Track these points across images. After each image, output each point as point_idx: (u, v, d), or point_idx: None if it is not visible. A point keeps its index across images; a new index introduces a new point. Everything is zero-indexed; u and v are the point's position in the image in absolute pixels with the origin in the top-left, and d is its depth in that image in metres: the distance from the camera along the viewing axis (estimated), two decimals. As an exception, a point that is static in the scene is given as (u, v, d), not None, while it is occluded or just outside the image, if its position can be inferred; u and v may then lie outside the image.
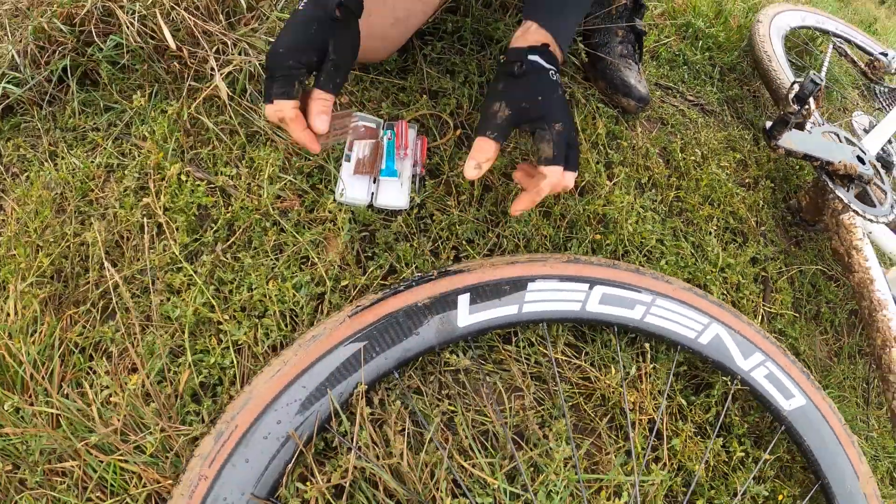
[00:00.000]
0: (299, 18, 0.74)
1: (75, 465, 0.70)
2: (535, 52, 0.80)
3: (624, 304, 0.85)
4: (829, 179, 0.96)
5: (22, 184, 0.92)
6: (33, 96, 0.95)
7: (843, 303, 1.06)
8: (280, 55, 0.72)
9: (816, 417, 0.84)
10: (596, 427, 0.83)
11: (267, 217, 0.88)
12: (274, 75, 0.73)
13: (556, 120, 0.77)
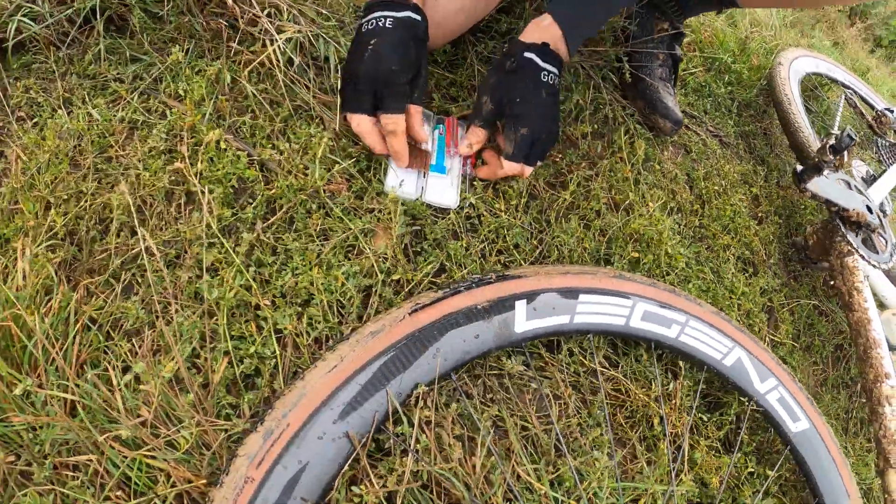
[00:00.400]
0: (397, 40, 0.82)
1: (93, 458, 0.64)
2: (532, 49, 0.88)
3: (663, 322, 0.90)
4: (843, 224, 1.07)
5: (30, 130, 0.83)
6: (50, 35, 0.86)
7: (830, 337, 1.18)
8: (396, 73, 0.81)
9: (817, 440, 0.93)
10: (628, 437, 0.87)
11: (313, 199, 0.85)
12: (386, 93, 0.82)
13: (525, 125, 0.87)
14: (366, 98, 0.83)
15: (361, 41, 0.83)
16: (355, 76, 0.83)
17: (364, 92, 0.83)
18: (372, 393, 0.71)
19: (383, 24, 0.83)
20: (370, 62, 0.81)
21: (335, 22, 0.98)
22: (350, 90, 0.84)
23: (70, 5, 0.83)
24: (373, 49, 0.82)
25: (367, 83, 0.82)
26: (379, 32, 0.82)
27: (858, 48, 2.57)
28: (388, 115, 0.83)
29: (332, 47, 0.96)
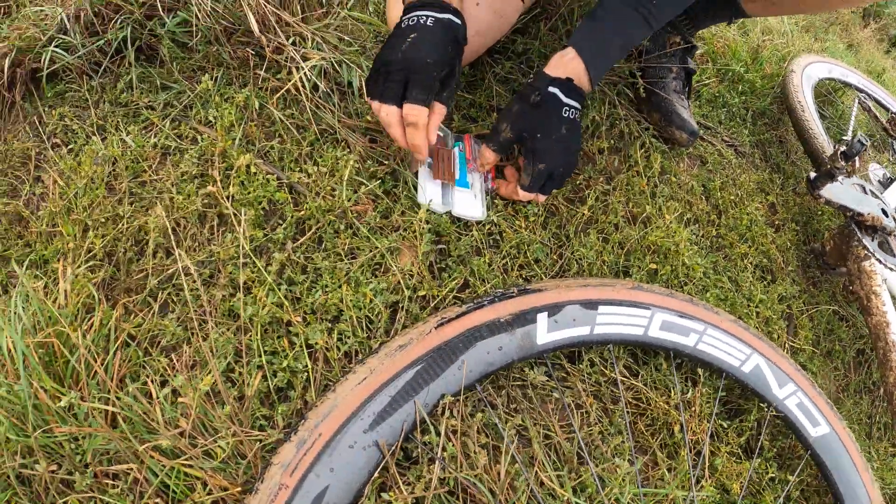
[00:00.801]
0: (437, 37, 0.85)
1: (133, 467, 0.69)
2: (556, 84, 0.93)
3: (681, 331, 0.94)
4: (858, 229, 1.11)
5: (66, 156, 0.89)
6: (83, 65, 0.93)
7: (851, 342, 1.21)
8: (429, 65, 0.83)
9: (838, 445, 0.97)
10: (649, 445, 0.91)
11: (341, 219, 0.90)
12: (415, 81, 0.84)
13: (543, 161, 0.92)
14: (396, 87, 0.85)
15: (400, 34, 0.87)
16: (388, 63, 0.85)
17: (395, 80, 0.84)
18: (400, 403, 0.76)
19: (424, 22, 0.87)
20: (407, 51, 0.84)
21: (357, 48, 1.04)
22: (381, 77, 0.86)
23: (101, 36, 0.91)
24: (411, 41, 0.85)
25: (399, 71, 0.84)
26: (419, 28, 0.86)
27: (873, 49, 2.60)
28: (413, 106, 0.85)
29: (355, 72, 1.02)
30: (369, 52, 1.06)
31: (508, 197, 1.00)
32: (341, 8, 1.05)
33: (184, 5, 0.93)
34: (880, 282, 1.07)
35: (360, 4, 1.09)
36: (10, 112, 0.89)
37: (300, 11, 0.99)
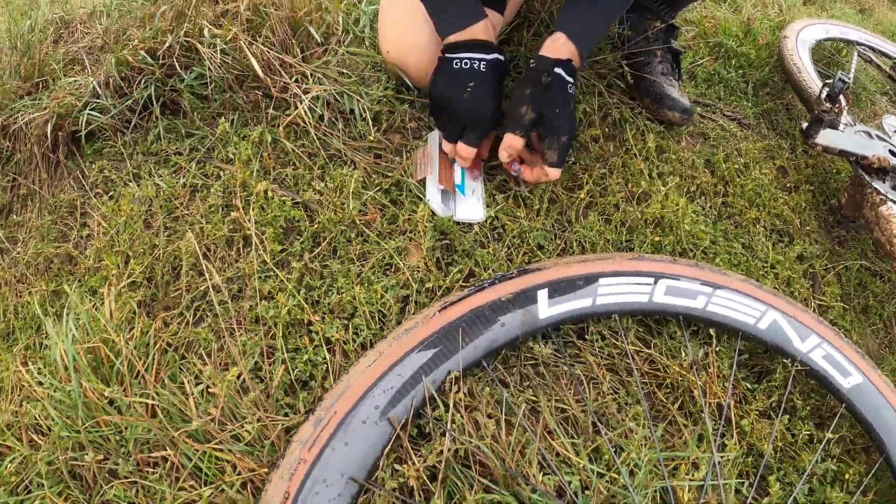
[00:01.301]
0: (491, 86, 1.02)
1: (170, 453, 0.78)
2: (560, 65, 1.02)
3: (687, 294, 0.98)
4: (866, 173, 1.11)
5: (107, 202, 1.05)
6: (115, 123, 1.11)
7: (889, 297, 1.19)
8: (487, 117, 1.01)
9: (874, 393, 0.96)
10: (668, 412, 0.94)
11: (351, 228, 1.01)
12: (472, 127, 1.02)
13: (564, 133, 1.01)
14: (456, 129, 1.02)
15: (457, 79, 1.01)
16: (453, 112, 1.01)
17: (458, 126, 1.02)
18: (409, 381, 0.84)
19: (478, 67, 1.01)
20: (469, 104, 1.00)
21: (356, 78, 1.17)
22: (446, 122, 1.04)
23: (129, 96, 1.07)
24: (472, 91, 1.00)
25: (461, 121, 1.01)
26: (475, 75, 1.01)
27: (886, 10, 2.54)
28: (466, 147, 1.02)
29: (355, 100, 1.15)
30: (367, 80, 1.19)
31: (536, 181, 1.06)
32: (339, 46, 1.19)
33: (198, 61, 1.09)
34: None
35: (357, 41, 1.23)
36: (55, 170, 1.07)
37: (300, 53, 1.13)
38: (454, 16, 1.03)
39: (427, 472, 0.81)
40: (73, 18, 1.17)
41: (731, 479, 0.90)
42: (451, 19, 1.03)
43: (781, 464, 0.95)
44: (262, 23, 1.11)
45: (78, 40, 1.13)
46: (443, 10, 1.04)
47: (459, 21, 1.02)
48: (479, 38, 1.02)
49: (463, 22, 1.02)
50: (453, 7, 1.03)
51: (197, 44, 1.10)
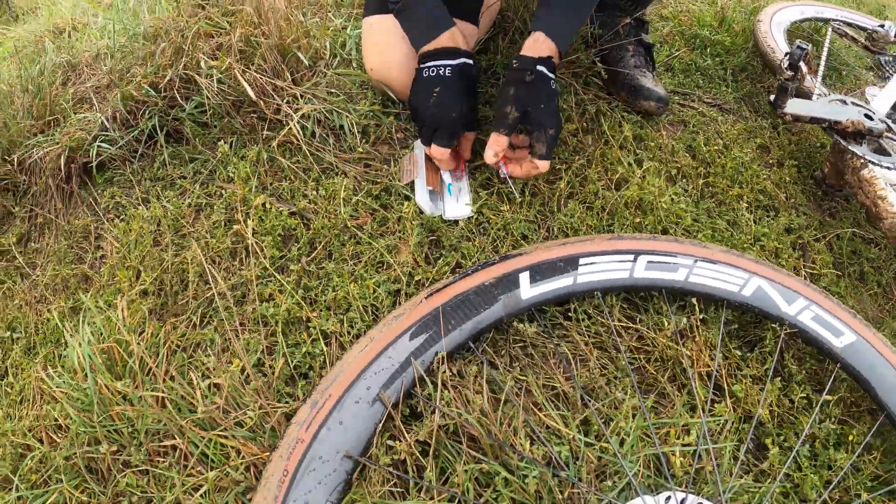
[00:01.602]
0: (457, 89, 1.08)
1: (179, 442, 0.84)
2: (542, 62, 1.08)
3: (668, 268, 1.01)
4: (842, 139, 1.13)
5: (118, 225, 1.15)
6: (124, 153, 1.21)
7: (887, 263, 1.19)
8: (453, 119, 1.08)
9: (870, 351, 0.96)
10: (658, 384, 0.96)
11: (344, 232, 1.08)
12: (442, 131, 1.08)
13: (551, 126, 1.06)
14: (428, 132, 1.10)
15: (426, 87, 1.08)
16: (422, 117, 1.09)
17: (429, 129, 1.09)
18: (399, 363, 0.89)
19: (443, 73, 1.08)
20: (433, 108, 1.07)
21: (344, 97, 1.26)
22: (420, 127, 1.11)
23: (135, 127, 1.18)
24: (437, 96, 1.07)
25: (430, 124, 1.08)
26: (441, 80, 1.08)
27: None
28: (437, 148, 1.09)
29: (344, 116, 1.23)
30: (355, 97, 1.27)
31: (527, 175, 1.11)
32: (327, 68, 1.28)
33: (197, 91, 1.20)
34: (884, 184, 1.08)
35: (344, 63, 1.32)
36: (70, 200, 1.18)
37: (290, 77, 1.23)
38: (423, 28, 1.11)
39: (419, 447, 0.85)
40: (79, 62, 1.30)
41: (726, 444, 0.91)
42: (420, 32, 1.11)
43: (781, 429, 0.95)
44: (254, 52, 1.22)
45: (85, 81, 1.25)
46: (413, 25, 1.12)
47: (428, 32, 1.10)
48: (445, 45, 1.09)
49: (431, 33, 1.10)
50: (422, 21, 1.11)
51: (195, 75, 1.21)
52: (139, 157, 1.21)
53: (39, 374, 0.91)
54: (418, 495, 0.82)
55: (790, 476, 0.91)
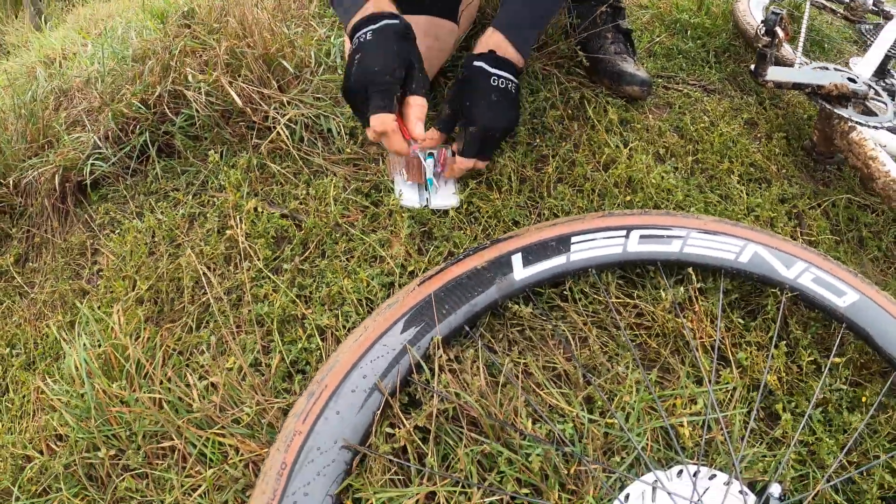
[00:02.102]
0: (378, 46, 0.95)
1: (176, 442, 0.83)
2: (481, 58, 1.05)
3: (661, 241, 1.00)
4: (827, 103, 1.13)
5: (114, 239, 1.15)
6: (117, 170, 1.23)
7: (885, 228, 1.18)
8: (376, 73, 0.92)
9: (874, 308, 0.94)
10: (661, 358, 0.94)
11: (336, 230, 1.08)
12: (371, 92, 0.93)
13: (473, 124, 1.02)
14: (362, 107, 0.95)
15: (350, 62, 0.96)
16: (347, 90, 0.96)
17: (360, 101, 0.94)
18: (394, 350, 0.88)
19: (364, 38, 0.96)
20: (356, 72, 0.94)
21: (330, 101, 1.28)
22: (351, 103, 0.98)
23: (127, 144, 1.20)
24: (357, 61, 0.95)
25: (358, 92, 0.94)
26: (361, 46, 0.96)
27: None
28: (376, 116, 0.92)
29: (331, 120, 1.25)
30: (342, 102, 1.29)
31: (453, 175, 1.10)
32: (312, 76, 1.30)
33: (186, 105, 1.21)
34: (873, 145, 1.07)
35: (330, 70, 1.34)
36: (66, 219, 1.19)
37: (276, 85, 1.25)
38: (348, 6, 1.02)
39: (419, 434, 0.83)
40: (70, 87, 1.33)
41: (735, 411, 0.89)
42: (345, 11, 1.02)
43: (791, 396, 0.93)
44: (240, 63, 1.24)
45: (76, 105, 1.27)
46: (341, 10, 1.04)
47: (352, 8, 1.01)
48: (365, 14, 0.99)
49: (353, 9, 1.01)
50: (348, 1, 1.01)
51: (183, 90, 1.22)
52: (132, 172, 1.22)
53: (39, 385, 0.91)
54: (420, 482, 0.80)
55: (805, 442, 0.89)
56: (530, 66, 1.30)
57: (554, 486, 0.78)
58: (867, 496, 0.85)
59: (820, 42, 1.71)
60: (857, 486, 0.87)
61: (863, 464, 0.88)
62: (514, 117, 1.06)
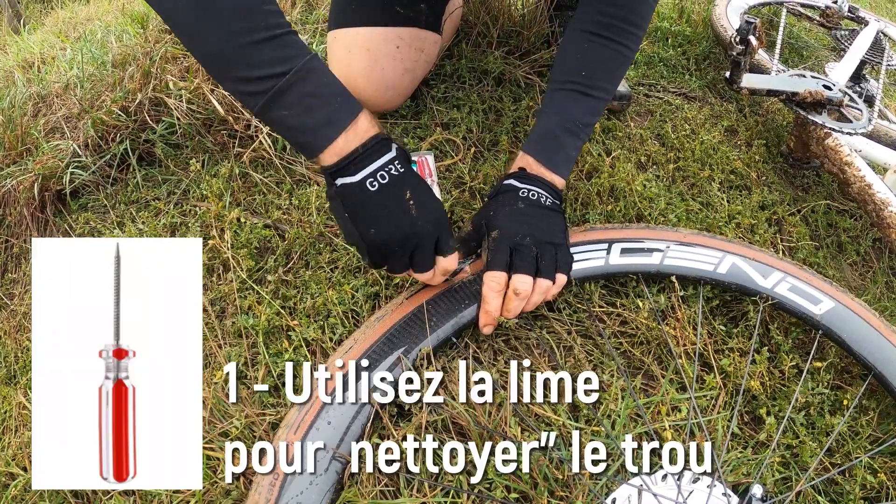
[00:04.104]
0: (421, 181, 0.85)
1: None
2: (511, 176, 0.99)
3: (642, 254, 1.04)
4: (802, 109, 1.18)
5: (99, 253, 1.16)
6: (97, 179, 1.23)
7: (863, 232, 1.23)
8: (445, 218, 0.87)
9: (849, 316, 0.99)
10: (645, 366, 0.98)
11: (320, 240, 1.10)
12: (444, 238, 0.87)
13: (495, 228, 0.91)
14: (430, 257, 0.87)
15: (385, 200, 0.80)
16: (412, 240, 0.83)
17: (427, 248, 0.85)
18: (384, 363, 0.90)
19: (395, 171, 0.81)
20: (425, 217, 0.83)
21: (313, 109, 1.29)
22: (399, 259, 0.85)
23: (107, 152, 1.20)
24: (414, 203, 0.81)
25: (429, 241, 0.85)
26: (400, 183, 0.81)
27: None
28: (448, 260, 0.89)
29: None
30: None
31: (485, 317, 0.94)
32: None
33: (167, 113, 1.22)
34: (849, 151, 1.12)
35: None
36: (45, 228, 1.19)
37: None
38: (328, 113, 0.79)
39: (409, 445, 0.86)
40: (49, 93, 1.33)
41: (718, 416, 0.93)
42: (322, 120, 0.78)
43: (774, 400, 0.97)
44: (221, 71, 1.25)
45: (56, 111, 1.27)
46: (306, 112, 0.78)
47: (332, 122, 0.79)
48: (370, 136, 0.81)
49: (336, 123, 0.79)
50: (323, 103, 0.78)
51: (164, 97, 1.23)
52: (112, 181, 1.23)
53: (20, 400, 0.92)
54: (411, 493, 0.83)
55: (788, 445, 0.93)
56: (512, 75, 1.33)
57: (543, 493, 0.81)
58: (850, 497, 0.89)
59: (798, 49, 1.77)
60: (841, 486, 0.91)
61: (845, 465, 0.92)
62: (545, 227, 0.93)
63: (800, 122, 1.22)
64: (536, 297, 0.93)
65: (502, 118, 1.28)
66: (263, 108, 0.78)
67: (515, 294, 0.91)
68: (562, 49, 1.04)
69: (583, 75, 1.00)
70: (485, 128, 1.29)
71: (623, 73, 1.05)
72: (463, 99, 1.32)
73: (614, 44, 0.99)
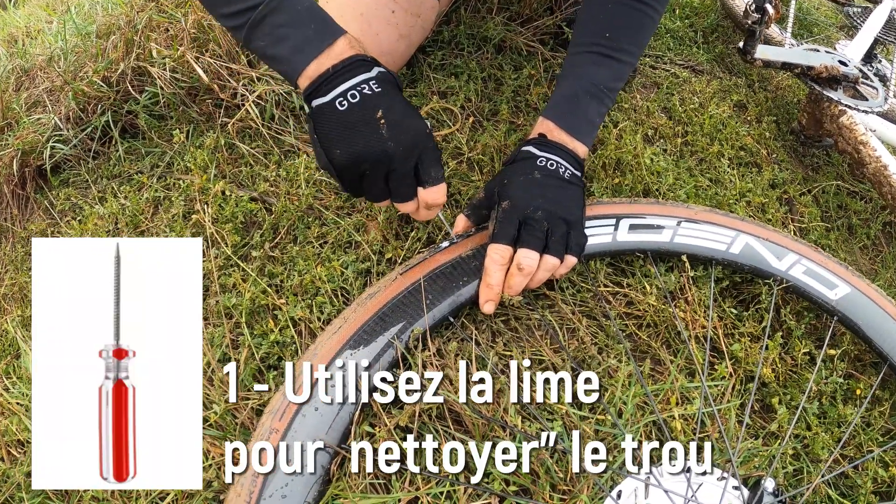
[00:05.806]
0: (400, 98, 0.77)
1: None
2: (529, 142, 0.90)
3: (651, 230, 0.94)
4: (817, 85, 1.08)
5: (76, 227, 1.06)
6: (78, 153, 1.13)
7: (874, 216, 1.14)
8: (427, 136, 0.77)
9: (865, 302, 0.90)
10: (652, 350, 0.89)
11: (308, 213, 1.01)
12: (425, 158, 0.77)
13: (506, 197, 0.83)
14: (409, 181, 0.78)
15: (356, 118, 0.72)
16: (384, 158, 0.74)
17: (404, 168, 0.76)
18: (375, 344, 0.81)
19: (370, 90, 0.74)
20: (397, 136, 0.74)
21: (304, 78, 1.19)
22: (373, 184, 0.77)
23: (88, 123, 1.10)
24: (386, 122, 0.73)
25: (407, 160, 0.76)
26: (373, 101, 0.73)
27: None
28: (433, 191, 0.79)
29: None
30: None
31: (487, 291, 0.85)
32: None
33: (150, 82, 1.12)
34: (864, 130, 1.03)
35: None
36: (26, 206, 1.10)
37: (245, 60, 1.16)
38: (308, 36, 0.75)
39: (401, 434, 0.77)
40: (32, 66, 1.23)
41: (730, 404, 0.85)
42: (301, 42, 0.74)
43: (786, 388, 0.89)
44: (208, 37, 1.14)
45: (38, 85, 1.17)
46: (286, 37, 0.74)
47: (306, 46, 0.74)
48: (345, 56, 0.75)
49: (312, 45, 0.74)
50: (302, 26, 0.75)
51: (148, 66, 1.13)
52: (94, 155, 1.13)
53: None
54: (403, 486, 0.74)
55: (799, 436, 0.85)
56: (513, 42, 1.23)
57: (545, 486, 0.73)
58: (861, 490, 0.82)
59: (808, 25, 1.67)
60: (851, 479, 0.83)
61: (857, 458, 0.85)
62: (560, 201, 0.84)
63: (813, 97, 1.13)
64: (542, 275, 0.84)
65: (502, 87, 1.17)
66: (246, 41, 0.77)
67: (519, 269, 0.82)
68: (584, 10, 0.94)
69: (607, 37, 0.90)
70: (484, 97, 1.19)
71: (648, 36, 0.94)
72: (461, 67, 1.22)
73: (641, 4, 0.89)
